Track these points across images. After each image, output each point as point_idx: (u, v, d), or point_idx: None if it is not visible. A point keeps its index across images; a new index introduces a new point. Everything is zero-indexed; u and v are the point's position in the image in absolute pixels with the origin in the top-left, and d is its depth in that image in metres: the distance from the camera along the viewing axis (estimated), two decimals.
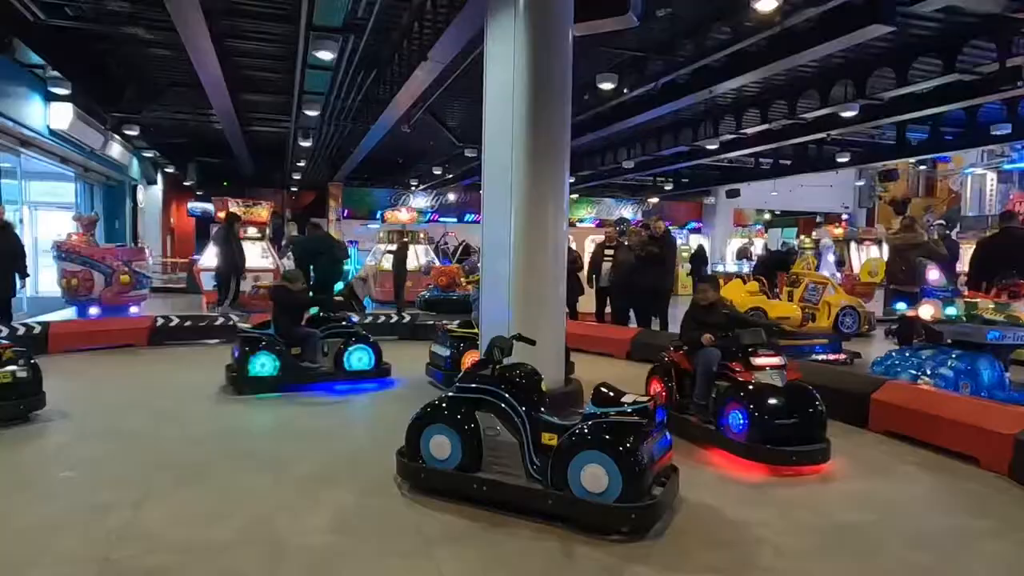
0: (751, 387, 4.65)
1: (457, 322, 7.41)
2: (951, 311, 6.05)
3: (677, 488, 3.85)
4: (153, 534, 3.41)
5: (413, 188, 25.70)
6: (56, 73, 10.89)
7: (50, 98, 11.83)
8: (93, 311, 10.07)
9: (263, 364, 6.40)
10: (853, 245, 19.41)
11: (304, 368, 6.61)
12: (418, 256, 16.38)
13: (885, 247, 14.81)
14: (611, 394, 3.72)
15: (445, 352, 6.74)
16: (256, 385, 6.38)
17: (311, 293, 8.12)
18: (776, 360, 4.81)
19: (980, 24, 8.59)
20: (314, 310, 7.19)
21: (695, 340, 5.17)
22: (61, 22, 9.16)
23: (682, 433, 4.87)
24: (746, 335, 4.95)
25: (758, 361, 4.77)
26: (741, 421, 4.58)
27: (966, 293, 6.28)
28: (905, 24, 8.21)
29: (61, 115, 12.00)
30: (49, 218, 14.97)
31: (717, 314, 5.38)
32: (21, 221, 13.08)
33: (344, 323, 7.25)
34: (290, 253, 14.46)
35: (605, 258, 10.52)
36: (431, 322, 10.49)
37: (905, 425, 5.24)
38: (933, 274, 6.38)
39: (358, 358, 6.89)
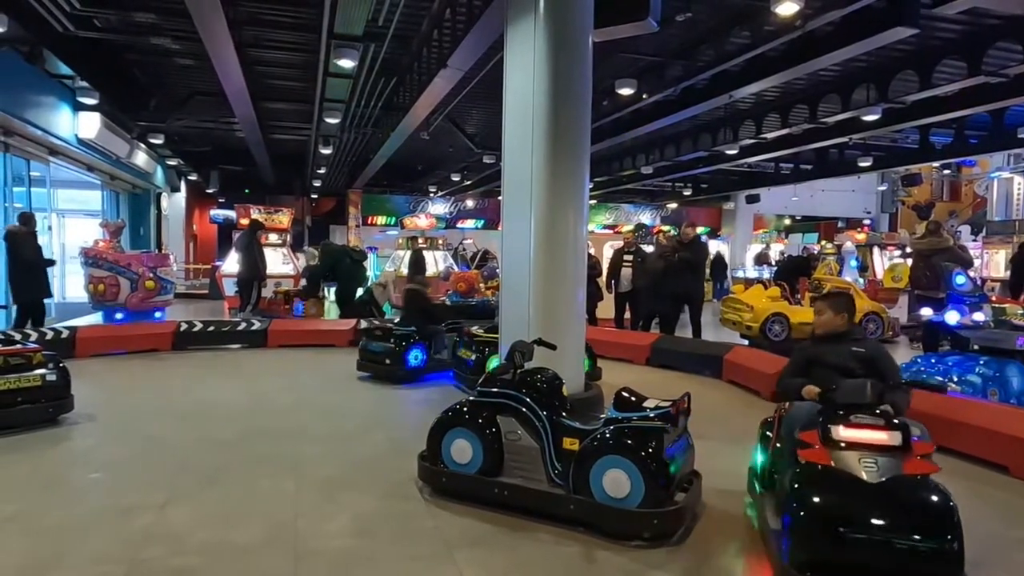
0: (814, 473, 2.96)
1: (476, 327, 7.47)
2: (979, 317, 5.95)
3: (699, 493, 3.82)
4: (178, 535, 3.46)
5: (432, 194, 25.85)
6: (84, 83, 11.15)
7: (78, 108, 12.11)
8: (119, 316, 10.23)
9: (416, 356, 7.38)
10: (876, 250, 19.18)
11: (436, 359, 7.58)
12: (437, 262, 16.44)
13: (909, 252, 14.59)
14: (633, 399, 3.70)
15: (471, 356, 6.85)
16: (412, 375, 7.32)
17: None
18: (877, 436, 2.97)
19: (1005, 26, 8.48)
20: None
21: (792, 391, 3.57)
22: (90, 34, 9.37)
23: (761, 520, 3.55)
24: (845, 389, 3.26)
25: (843, 433, 3.00)
26: (782, 528, 2.95)
27: (994, 299, 6.17)
28: (929, 26, 8.12)
29: (89, 124, 12.28)
30: (76, 225, 15.30)
31: (844, 352, 3.58)
32: (49, 228, 13.37)
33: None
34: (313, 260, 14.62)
35: (624, 264, 10.50)
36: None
37: (932, 433, 5.14)
38: (960, 279, 6.28)
39: None
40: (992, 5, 7.36)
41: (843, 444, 2.97)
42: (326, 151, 15.94)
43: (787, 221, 29.67)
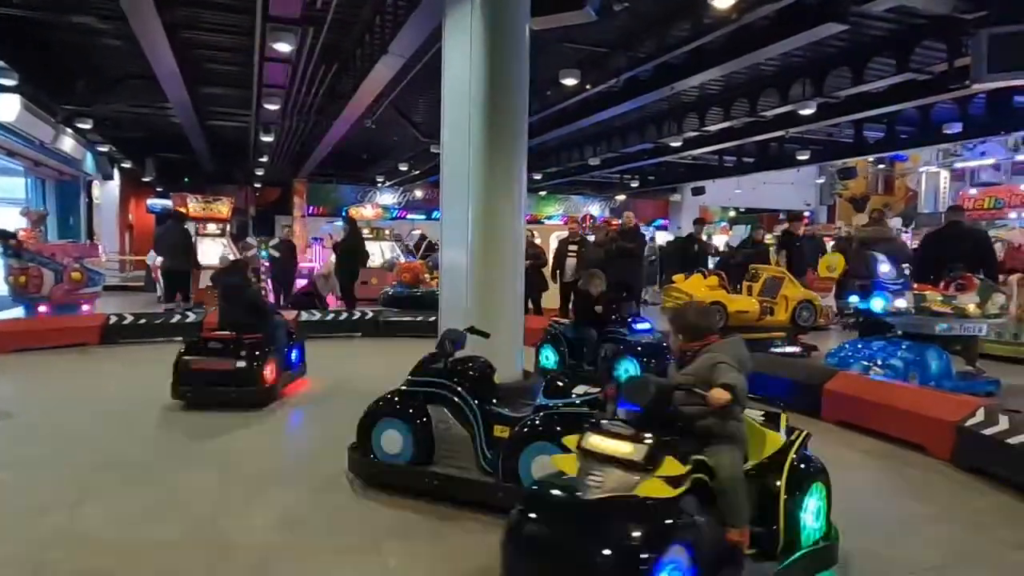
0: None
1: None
2: (901, 303, 6.19)
3: None
4: (91, 536, 3.31)
5: (379, 184, 25.46)
6: (1, 63, 10.50)
7: None
8: (42, 310, 9.74)
9: None
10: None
11: None
12: (383, 252, 16.22)
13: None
14: (562, 385, 3.70)
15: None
16: None
17: None
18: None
19: (931, 25, 8.80)
20: None
21: None
22: (6, 10, 8.84)
23: None
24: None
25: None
26: None
27: (915, 286, 6.42)
28: (859, 23, 8.37)
29: (7, 107, 11.56)
30: None
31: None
32: None
33: None
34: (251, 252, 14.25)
35: (568, 254, 10.54)
36: (395, 319, 10.42)
37: (856, 414, 5.35)
38: (884, 267, 6.52)
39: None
40: (918, 4, 7.62)
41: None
42: (268, 139, 15.47)
43: (732, 213, 30.34)
